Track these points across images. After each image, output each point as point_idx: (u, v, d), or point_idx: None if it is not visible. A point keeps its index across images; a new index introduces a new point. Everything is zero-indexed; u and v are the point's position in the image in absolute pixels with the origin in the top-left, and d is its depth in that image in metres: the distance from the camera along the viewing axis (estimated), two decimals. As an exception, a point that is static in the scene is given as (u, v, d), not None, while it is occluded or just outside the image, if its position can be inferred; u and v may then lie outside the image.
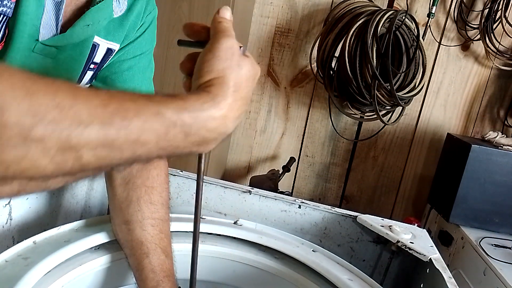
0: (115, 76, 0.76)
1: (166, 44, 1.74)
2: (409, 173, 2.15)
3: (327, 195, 2.23)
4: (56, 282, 0.61)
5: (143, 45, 0.79)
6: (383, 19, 1.71)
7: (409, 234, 0.84)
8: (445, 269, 0.74)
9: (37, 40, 0.60)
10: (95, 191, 0.95)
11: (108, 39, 0.71)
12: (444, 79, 2.03)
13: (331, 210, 0.91)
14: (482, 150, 1.62)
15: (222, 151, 2.11)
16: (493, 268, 1.35)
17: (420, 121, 2.09)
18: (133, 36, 0.77)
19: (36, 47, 0.61)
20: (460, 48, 1.99)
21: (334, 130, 2.12)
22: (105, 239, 0.73)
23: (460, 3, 1.89)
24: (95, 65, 0.72)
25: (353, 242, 0.91)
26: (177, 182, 0.95)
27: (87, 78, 0.73)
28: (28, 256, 0.61)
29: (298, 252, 0.77)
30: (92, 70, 0.73)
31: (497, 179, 1.63)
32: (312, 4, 2.02)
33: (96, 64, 0.72)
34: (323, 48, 1.85)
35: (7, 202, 0.70)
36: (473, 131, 2.08)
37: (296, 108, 2.14)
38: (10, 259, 0.60)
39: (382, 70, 1.76)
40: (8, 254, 0.60)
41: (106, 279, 0.72)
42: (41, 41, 0.61)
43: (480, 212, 1.65)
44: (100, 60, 0.72)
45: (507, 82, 2.01)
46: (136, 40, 0.77)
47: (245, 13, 1.96)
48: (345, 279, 0.71)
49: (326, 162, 2.19)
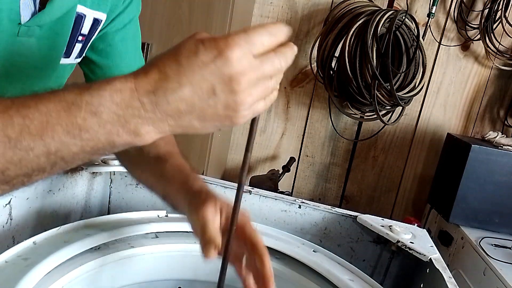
0: (110, 48, 0.76)
1: (166, 44, 1.74)
2: (409, 173, 2.15)
3: (327, 195, 2.23)
4: (56, 282, 0.61)
5: (130, 12, 0.78)
6: (383, 19, 1.71)
7: (409, 234, 0.84)
8: (445, 269, 0.74)
9: (20, 23, 0.59)
10: (95, 191, 0.95)
11: (93, 9, 0.70)
12: (444, 79, 2.03)
13: (331, 210, 0.91)
14: (482, 150, 1.62)
15: (222, 151, 2.11)
16: (493, 268, 1.35)
17: (420, 121, 2.09)
18: (122, 6, 0.76)
19: (20, 31, 0.59)
20: (460, 48, 1.99)
21: (334, 130, 2.12)
22: (105, 239, 0.73)
23: (460, 3, 1.90)
24: (83, 37, 0.71)
25: (353, 242, 0.91)
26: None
27: (76, 51, 0.72)
28: (28, 257, 0.61)
29: (299, 253, 0.77)
30: (80, 43, 0.72)
31: (497, 179, 1.63)
32: (312, 4, 2.02)
33: (84, 35, 0.71)
34: (323, 48, 1.85)
35: (7, 202, 0.70)
36: (473, 131, 2.08)
37: (296, 108, 2.14)
38: (10, 259, 0.60)
39: (382, 70, 1.76)
40: (8, 254, 0.60)
41: (107, 280, 0.72)
42: (23, 24, 0.59)
43: (480, 212, 1.65)
44: (88, 32, 0.71)
45: (507, 82, 2.01)
46: (125, 9, 0.77)
47: (245, 13, 1.96)
48: (346, 280, 0.71)
49: (326, 162, 2.19)
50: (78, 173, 0.88)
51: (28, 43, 0.62)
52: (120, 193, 0.97)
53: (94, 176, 0.93)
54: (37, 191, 0.77)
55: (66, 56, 0.71)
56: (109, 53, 0.77)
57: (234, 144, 2.21)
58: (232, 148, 2.21)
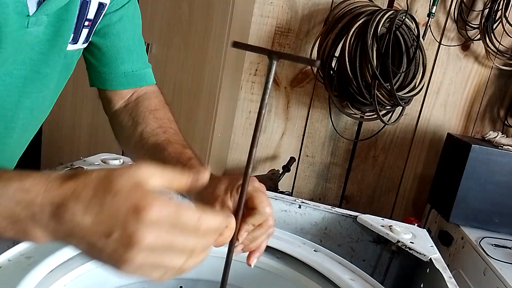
0: (107, 29, 0.76)
1: (166, 44, 1.74)
2: (409, 173, 2.15)
3: (327, 195, 2.23)
4: (59, 281, 0.61)
5: None
6: (383, 19, 1.71)
7: (409, 234, 0.84)
8: (445, 269, 0.74)
9: (28, 15, 0.59)
10: (96, 191, 0.95)
11: None
12: (444, 79, 2.04)
13: (331, 210, 0.91)
14: (482, 150, 1.62)
15: (222, 151, 2.12)
16: (493, 268, 1.35)
17: (420, 121, 2.09)
18: None
19: (29, 22, 0.59)
20: (460, 48, 2.00)
21: (334, 130, 2.12)
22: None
23: (460, 3, 1.90)
24: (89, 22, 0.71)
25: (353, 242, 0.92)
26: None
27: (83, 36, 0.72)
28: (31, 255, 0.61)
29: (299, 252, 0.78)
30: (87, 28, 0.72)
31: (497, 179, 1.63)
32: (312, 4, 2.02)
33: (90, 20, 0.71)
34: (323, 48, 1.85)
35: (9, 201, 0.70)
36: (473, 131, 2.08)
37: (296, 108, 2.14)
38: (13, 258, 0.60)
39: (382, 70, 1.77)
40: (11, 253, 0.61)
41: (109, 278, 0.72)
42: (32, 15, 0.59)
43: (480, 212, 1.65)
44: (93, 16, 0.71)
45: (507, 82, 2.01)
46: None
47: (245, 13, 1.97)
48: (347, 279, 0.72)
49: (326, 162, 2.19)
50: (79, 172, 0.88)
51: (36, 32, 0.62)
52: (121, 193, 0.98)
53: None
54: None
55: (74, 42, 0.71)
56: (106, 33, 0.77)
57: (234, 144, 2.21)
58: (232, 148, 2.21)
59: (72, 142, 1.96)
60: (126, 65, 0.80)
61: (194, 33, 1.72)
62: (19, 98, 0.68)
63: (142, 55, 0.84)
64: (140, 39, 0.84)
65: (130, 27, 0.80)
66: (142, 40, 0.84)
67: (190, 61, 1.76)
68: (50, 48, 0.67)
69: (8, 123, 0.70)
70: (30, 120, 0.74)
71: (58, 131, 1.95)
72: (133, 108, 0.81)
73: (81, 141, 1.96)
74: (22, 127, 0.73)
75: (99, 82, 0.82)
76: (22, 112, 0.71)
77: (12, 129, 0.72)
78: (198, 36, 1.72)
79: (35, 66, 0.67)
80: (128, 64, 0.80)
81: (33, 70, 0.67)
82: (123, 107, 0.83)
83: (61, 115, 1.93)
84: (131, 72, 0.81)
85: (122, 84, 0.81)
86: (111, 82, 0.81)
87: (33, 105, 0.72)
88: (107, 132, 2.03)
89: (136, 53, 0.82)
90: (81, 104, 1.90)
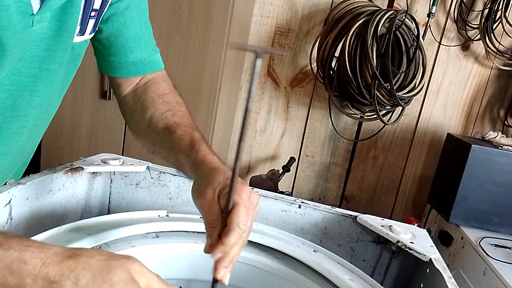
0: (115, 18, 0.76)
1: (166, 44, 1.74)
2: (409, 173, 2.15)
3: (327, 195, 2.23)
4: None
5: None
6: (383, 19, 1.71)
7: (409, 234, 0.84)
8: (445, 269, 0.74)
9: (33, 14, 0.58)
10: (95, 191, 0.95)
11: None
12: (444, 79, 2.03)
13: (331, 210, 0.91)
14: (482, 150, 1.62)
15: (222, 151, 2.11)
16: (493, 268, 1.35)
17: (420, 121, 2.09)
18: None
19: (34, 21, 0.59)
20: (460, 48, 2.00)
21: (334, 130, 2.12)
22: (105, 239, 0.73)
23: (460, 3, 1.90)
24: (95, 12, 0.71)
25: (353, 242, 0.91)
26: (177, 182, 0.95)
27: (90, 27, 0.72)
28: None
29: (299, 252, 0.77)
30: (93, 18, 0.72)
31: (497, 179, 1.63)
32: (312, 4, 2.02)
33: (96, 10, 0.71)
34: (323, 48, 1.85)
35: (7, 201, 0.70)
36: (473, 131, 2.08)
37: (296, 108, 2.14)
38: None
39: (382, 70, 1.76)
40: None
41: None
42: (36, 13, 0.59)
43: (480, 212, 1.65)
44: (99, 6, 0.71)
45: (507, 82, 2.01)
46: None
47: (245, 13, 1.96)
48: (346, 279, 0.71)
49: (326, 162, 2.19)
50: (78, 173, 0.88)
51: (41, 28, 0.62)
52: (120, 193, 0.98)
53: (94, 176, 0.93)
54: (37, 191, 0.77)
55: (81, 33, 0.71)
56: (114, 22, 0.76)
57: (234, 144, 2.21)
58: (232, 148, 2.21)
59: (72, 142, 1.96)
60: (134, 54, 0.80)
61: (194, 33, 1.72)
62: (30, 96, 0.68)
63: (150, 41, 0.84)
64: (147, 25, 0.83)
65: (137, 14, 0.79)
66: (149, 26, 0.84)
67: (190, 61, 1.76)
68: (56, 43, 0.67)
69: (21, 122, 0.70)
70: (40, 116, 0.74)
71: (58, 131, 1.95)
72: (142, 93, 0.81)
73: (81, 141, 1.96)
74: (34, 123, 0.73)
75: (108, 70, 0.82)
76: (33, 111, 0.71)
77: (24, 127, 0.72)
78: (198, 36, 1.72)
79: (43, 63, 0.67)
80: (136, 52, 0.80)
81: (42, 67, 0.67)
82: (132, 92, 0.83)
83: (61, 115, 1.93)
84: (140, 60, 0.81)
85: (132, 72, 0.81)
86: (120, 71, 0.81)
87: (43, 101, 0.72)
88: (107, 132, 2.04)
89: (144, 41, 0.82)
90: (81, 104, 1.90)
